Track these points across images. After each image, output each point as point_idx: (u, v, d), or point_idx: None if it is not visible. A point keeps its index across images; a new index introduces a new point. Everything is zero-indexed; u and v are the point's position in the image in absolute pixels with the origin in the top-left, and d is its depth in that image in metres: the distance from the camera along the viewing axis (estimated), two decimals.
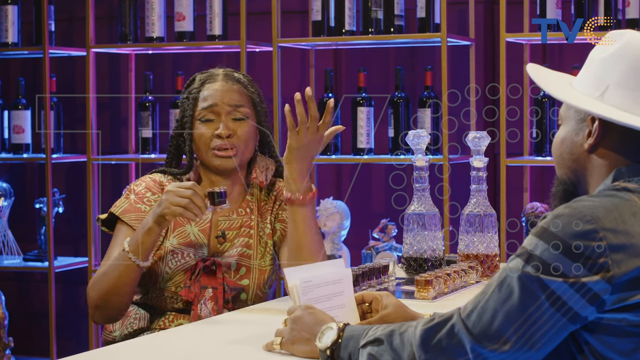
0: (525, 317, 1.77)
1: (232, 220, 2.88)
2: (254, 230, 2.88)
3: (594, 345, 1.80)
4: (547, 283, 1.76)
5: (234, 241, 2.85)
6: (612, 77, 1.92)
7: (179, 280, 2.79)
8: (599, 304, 1.76)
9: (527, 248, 1.80)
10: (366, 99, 4.56)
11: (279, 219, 2.90)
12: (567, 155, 1.97)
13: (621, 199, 1.83)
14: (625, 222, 1.79)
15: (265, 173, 2.94)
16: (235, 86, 2.88)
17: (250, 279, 2.83)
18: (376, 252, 4.35)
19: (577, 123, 1.95)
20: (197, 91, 2.88)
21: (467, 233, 3.01)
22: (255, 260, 2.85)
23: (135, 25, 4.83)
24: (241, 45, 4.59)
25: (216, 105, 2.85)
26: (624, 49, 1.92)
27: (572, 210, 1.80)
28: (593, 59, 1.97)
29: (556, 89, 1.98)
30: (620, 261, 1.76)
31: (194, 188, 2.66)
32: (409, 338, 1.86)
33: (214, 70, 2.92)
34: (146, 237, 2.67)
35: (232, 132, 2.83)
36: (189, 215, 2.65)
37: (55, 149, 4.98)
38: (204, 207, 2.66)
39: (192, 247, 2.82)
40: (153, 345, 2.33)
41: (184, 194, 2.64)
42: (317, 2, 4.53)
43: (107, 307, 2.73)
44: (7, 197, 5.03)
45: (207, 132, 2.84)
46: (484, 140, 3.02)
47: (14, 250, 5.02)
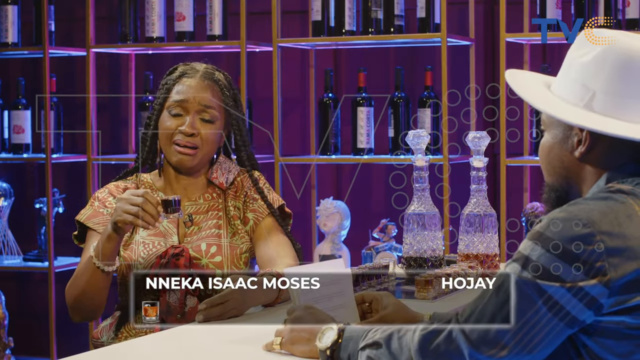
0: (522, 322, 1.76)
1: (199, 205, 2.89)
2: (222, 212, 2.89)
3: (592, 348, 1.80)
4: (544, 288, 1.75)
5: (202, 224, 2.86)
6: (597, 84, 1.89)
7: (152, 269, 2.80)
8: (596, 307, 1.76)
9: (523, 253, 1.79)
10: (366, 99, 4.56)
11: (250, 209, 2.90)
12: (557, 163, 1.95)
13: (616, 201, 1.82)
14: (621, 224, 1.78)
15: (226, 175, 2.93)
16: (211, 86, 2.88)
17: (223, 254, 2.83)
18: (376, 252, 4.35)
19: (564, 130, 1.93)
20: (173, 82, 2.88)
21: (467, 233, 3.01)
22: (226, 239, 2.85)
23: (135, 25, 4.83)
24: (241, 45, 4.59)
25: (187, 102, 2.86)
26: (605, 53, 1.89)
27: (568, 214, 1.79)
28: (572, 63, 1.94)
29: (538, 100, 1.94)
30: (617, 264, 1.75)
31: (146, 196, 2.63)
32: (407, 343, 1.85)
33: (197, 65, 2.92)
34: (107, 244, 2.68)
35: (196, 131, 2.84)
36: (140, 224, 2.62)
37: (55, 149, 4.98)
38: (156, 215, 2.63)
39: (161, 236, 2.84)
40: (153, 346, 2.33)
41: (134, 202, 2.62)
42: (317, 2, 4.53)
43: (81, 309, 2.78)
44: (7, 197, 5.03)
45: (171, 125, 2.85)
46: (483, 140, 3.02)
47: (14, 250, 5.02)
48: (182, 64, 2.95)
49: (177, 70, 2.92)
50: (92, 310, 2.79)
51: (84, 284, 2.73)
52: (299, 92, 4.94)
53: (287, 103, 4.85)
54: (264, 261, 2.83)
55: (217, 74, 2.92)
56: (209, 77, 2.89)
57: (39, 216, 4.99)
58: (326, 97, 4.61)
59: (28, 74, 5.26)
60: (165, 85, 2.90)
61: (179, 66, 2.94)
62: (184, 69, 2.91)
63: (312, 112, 4.73)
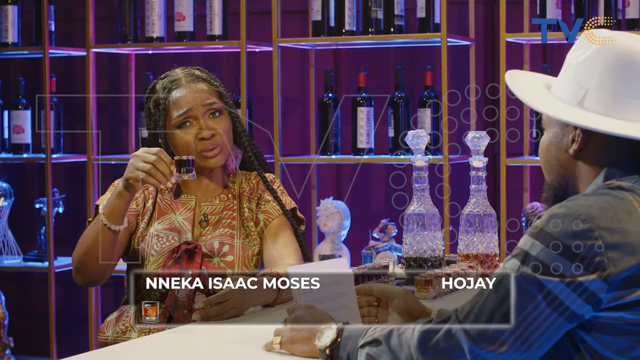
0: (522, 318, 1.77)
1: (215, 206, 2.90)
2: (237, 213, 2.90)
3: (590, 343, 1.80)
4: (544, 283, 1.77)
5: (217, 224, 2.87)
6: (590, 82, 1.92)
7: (163, 263, 2.80)
8: (595, 302, 1.77)
9: (523, 248, 1.80)
10: (366, 99, 4.56)
11: (262, 210, 2.91)
12: (554, 161, 1.98)
13: (615, 197, 1.83)
14: (620, 220, 1.80)
15: (235, 162, 2.95)
16: (200, 84, 2.90)
17: (235, 254, 2.84)
18: (376, 252, 4.35)
19: (560, 129, 1.96)
20: (164, 100, 2.88)
21: (466, 233, 3.01)
22: (239, 240, 2.86)
23: (135, 25, 4.83)
24: (241, 45, 4.59)
25: (191, 110, 2.86)
26: (599, 52, 1.92)
27: (567, 210, 1.81)
28: (570, 64, 1.97)
29: (534, 100, 1.98)
30: (616, 259, 1.77)
31: (160, 154, 2.65)
32: (407, 340, 1.86)
33: (173, 75, 2.92)
34: (117, 200, 2.69)
35: (213, 130, 2.86)
36: (152, 182, 2.64)
37: (55, 149, 4.98)
38: (168, 174, 2.65)
39: (176, 232, 2.85)
40: (153, 346, 2.33)
41: (148, 159, 2.64)
42: (317, 2, 4.53)
43: (85, 270, 2.77)
44: (7, 197, 5.03)
45: (189, 139, 2.85)
46: (483, 140, 3.02)
47: (14, 250, 5.02)
48: (157, 80, 2.94)
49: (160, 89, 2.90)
50: (95, 272, 2.77)
51: (89, 242, 2.73)
52: (299, 92, 4.94)
53: (287, 103, 4.85)
54: (269, 261, 2.85)
55: (195, 71, 2.94)
56: (193, 78, 2.91)
57: (39, 216, 4.99)
58: (326, 97, 4.61)
59: (28, 74, 5.26)
60: (160, 106, 2.89)
61: (157, 83, 2.93)
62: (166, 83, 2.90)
63: (312, 112, 4.73)
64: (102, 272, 2.79)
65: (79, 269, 2.79)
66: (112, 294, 5.00)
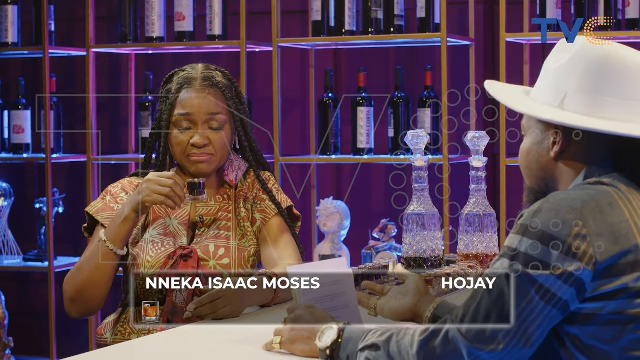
0: (518, 314, 1.79)
1: (210, 207, 2.90)
2: (232, 214, 2.90)
3: (576, 335, 1.82)
4: (535, 277, 1.79)
5: (212, 225, 2.87)
6: (569, 84, 1.94)
7: (160, 268, 2.80)
8: (581, 291, 1.79)
9: (511, 247, 1.83)
10: (366, 99, 4.56)
11: (258, 210, 2.91)
12: (534, 165, 2.00)
13: (597, 191, 1.87)
14: (603, 211, 1.83)
15: (236, 172, 2.94)
16: (213, 92, 2.87)
17: (231, 257, 2.83)
18: (376, 252, 4.35)
19: (540, 133, 1.98)
20: (174, 95, 2.88)
21: (466, 233, 3.01)
22: (234, 241, 2.86)
23: (135, 25, 4.83)
24: (241, 45, 4.59)
25: (192, 115, 2.86)
26: (578, 55, 1.94)
27: (550, 205, 1.83)
28: (549, 69, 1.99)
29: (514, 101, 2.02)
30: (601, 247, 1.79)
31: (175, 178, 2.72)
32: (406, 346, 1.87)
33: (193, 72, 2.90)
34: (123, 225, 2.73)
35: (208, 141, 2.85)
36: (169, 204, 2.71)
37: (55, 149, 4.98)
38: (183, 197, 2.73)
39: (171, 237, 2.84)
40: (153, 346, 2.33)
41: (165, 183, 2.71)
42: (317, 2, 4.53)
43: (84, 300, 2.76)
44: (7, 197, 5.03)
45: (183, 140, 2.85)
46: (483, 140, 3.02)
47: (14, 250, 5.02)
48: (178, 70, 2.93)
49: (175, 81, 2.90)
50: (94, 302, 2.77)
51: (91, 271, 2.74)
52: (299, 92, 4.94)
53: (287, 103, 4.85)
54: (268, 261, 2.84)
55: (215, 75, 2.90)
56: (209, 83, 2.87)
57: (39, 216, 4.99)
58: (326, 97, 4.61)
59: (28, 74, 5.26)
60: (167, 100, 2.89)
61: (176, 73, 2.91)
62: (181, 79, 2.88)
63: (312, 112, 4.73)
64: (99, 302, 2.79)
65: (75, 299, 2.77)
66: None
